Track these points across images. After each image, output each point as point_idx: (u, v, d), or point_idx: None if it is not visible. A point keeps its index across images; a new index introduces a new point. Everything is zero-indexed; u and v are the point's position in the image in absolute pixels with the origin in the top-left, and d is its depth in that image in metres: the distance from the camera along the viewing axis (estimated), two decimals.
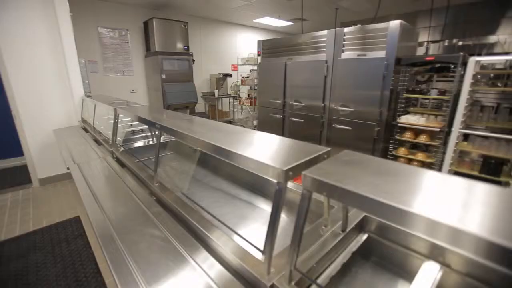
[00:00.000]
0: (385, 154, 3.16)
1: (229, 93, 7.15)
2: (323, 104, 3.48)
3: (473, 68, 2.43)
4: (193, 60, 6.02)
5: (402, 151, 3.03)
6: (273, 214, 0.80)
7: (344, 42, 3.19)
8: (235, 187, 1.86)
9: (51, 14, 3.45)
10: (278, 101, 4.05)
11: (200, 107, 6.82)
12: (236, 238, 1.08)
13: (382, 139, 3.03)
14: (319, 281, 0.96)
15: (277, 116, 4.12)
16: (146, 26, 5.49)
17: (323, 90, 3.43)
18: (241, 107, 6.42)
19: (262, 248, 0.88)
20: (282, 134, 4.11)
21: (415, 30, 3.38)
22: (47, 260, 2.30)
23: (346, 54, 3.19)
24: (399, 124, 2.98)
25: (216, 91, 6.63)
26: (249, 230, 1.39)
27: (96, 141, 2.81)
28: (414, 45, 3.39)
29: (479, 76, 2.66)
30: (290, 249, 0.79)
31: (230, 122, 7.12)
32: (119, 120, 2.37)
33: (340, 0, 4.98)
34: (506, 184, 2.39)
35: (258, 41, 4.34)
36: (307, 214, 0.75)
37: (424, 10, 4.93)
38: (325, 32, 3.36)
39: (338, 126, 3.37)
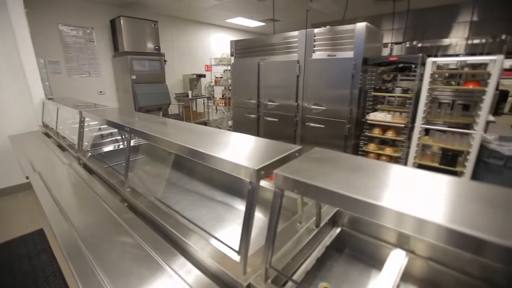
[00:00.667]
0: (356, 150, 3.31)
1: (203, 94, 7.04)
2: (296, 103, 3.56)
3: (430, 68, 2.63)
4: (165, 61, 5.85)
5: (371, 147, 3.19)
6: (246, 213, 0.81)
7: (314, 43, 3.29)
8: (211, 188, 1.84)
9: (2, 10, 3.17)
10: (252, 101, 4.07)
11: (173, 108, 6.64)
12: (212, 240, 1.06)
13: (353, 136, 3.17)
14: (295, 277, 0.99)
15: (252, 116, 4.14)
16: (113, 24, 5.24)
17: (296, 90, 3.51)
18: (216, 107, 6.36)
19: (238, 249, 0.88)
20: (257, 134, 4.14)
21: (379, 32, 3.57)
22: (6, 279, 2.11)
23: (317, 54, 3.29)
24: (368, 121, 3.14)
25: (189, 92, 6.51)
26: (226, 231, 1.39)
27: (60, 147, 2.62)
28: (379, 46, 3.58)
29: (436, 76, 2.88)
30: (265, 247, 0.80)
31: (205, 123, 7.02)
32: (86, 124, 2.24)
33: (310, 2, 5.12)
34: (461, 174, 2.61)
35: (231, 41, 4.32)
36: (280, 212, 0.77)
37: (388, 13, 5.22)
38: (296, 32, 3.44)
39: (312, 124, 3.46)
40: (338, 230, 1.22)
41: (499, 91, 4.69)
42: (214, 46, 7.65)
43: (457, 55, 4.40)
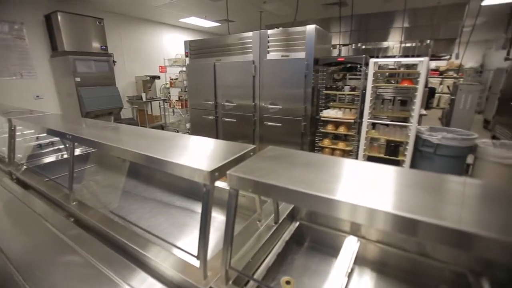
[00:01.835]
0: (312, 146, 3.48)
1: (158, 96, 6.73)
2: (253, 103, 3.61)
3: (373, 68, 2.88)
4: (114, 61, 5.45)
5: (326, 142, 3.38)
6: (203, 216, 0.79)
7: (268, 44, 3.37)
8: (169, 194, 1.77)
9: None
10: (209, 102, 4.02)
11: (127, 112, 6.23)
12: (172, 249, 1.02)
13: (309, 133, 3.33)
14: (257, 274, 1.00)
15: (210, 117, 4.09)
16: (49, 20, 4.69)
17: (253, 90, 3.57)
18: (173, 110, 6.13)
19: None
20: (216, 135, 4.11)
21: (328, 34, 3.80)
22: None
23: (271, 55, 3.38)
24: (321, 118, 3.33)
25: (143, 95, 6.16)
26: (187, 237, 1.35)
27: None
28: (328, 47, 3.82)
29: (378, 75, 3.17)
30: (223, 249, 0.79)
31: (162, 126, 6.72)
32: (20, 133, 1.97)
33: (264, 3, 5.23)
34: (402, 162, 2.92)
35: (185, 42, 4.21)
36: (236, 212, 0.77)
37: (335, 17, 5.58)
38: (250, 33, 3.48)
39: (269, 123, 3.55)
40: (297, 224, 1.27)
41: (429, 88, 5.36)
42: (168, 46, 7.36)
43: (393, 57, 4.91)
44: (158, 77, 6.55)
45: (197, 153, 0.96)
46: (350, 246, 1.12)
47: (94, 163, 2.31)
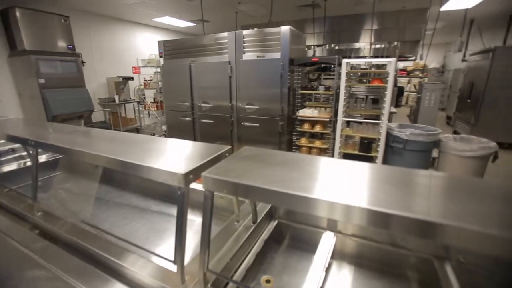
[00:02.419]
0: (290, 145, 3.54)
1: (132, 98, 6.48)
2: (230, 104, 3.60)
3: (345, 68, 2.99)
4: (83, 62, 5.17)
5: (303, 141, 3.45)
6: (178, 220, 0.78)
7: (244, 44, 3.37)
8: (146, 199, 1.72)
9: None
10: (186, 103, 3.95)
11: (99, 115, 5.93)
12: (149, 255, 0.99)
13: (286, 132, 3.38)
14: (236, 274, 1.00)
15: (187, 119, 4.02)
16: (6, 16, 4.31)
17: (229, 90, 3.55)
18: (148, 112, 5.94)
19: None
20: (194, 137, 4.04)
21: (302, 35, 3.88)
22: None
23: (247, 55, 3.39)
24: (298, 117, 3.39)
25: (116, 97, 5.90)
26: (166, 242, 1.31)
27: None
28: (303, 48, 3.90)
29: (351, 74, 3.30)
30: (200, 251, 0.78)
31: (137, 129, 6.48)
32: None
33: (238, 4, 5.23)
34: (375, 158, 3.06)
35: (159, 42, 4.09)
36: (212, 214, 0.77)
37: (309, 18, 5.72)
38: (226, 34, 3.47)
39: (247, 123, 3.56)
40: (275, 223, 1.29)
41: (398, 87, 5.64)
42: (142, 46, 7.11)
43: (364, 57, 5.13)
44: (132, 78, 6.30)
45: (172, 156, 0.94)
46: (327, 242, 1.15)
47: (63, 169, 2.17)
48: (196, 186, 1.35)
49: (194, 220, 1.43)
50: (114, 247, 1.04)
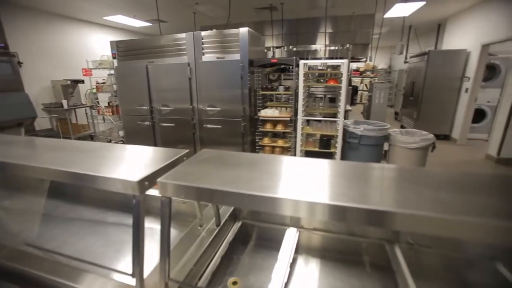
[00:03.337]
0: (253, 145, 3.57)
1: (84, 103, 5.97)
2: (191, 106, 3.52)
3: (303, 68, 3.12)
4: (20, 63, 4.62)
5: (266, 141, 3.52)
6: (135, 230, 0.74)
7: (203, 45, 3.32)
8: (101, 210, 1.59)
9: None
10: (144, 107, 3.76)
11: (43, 122, 5.35)
12: (103, 272, 0.92)
13: (249, 132, 3.41)
14: (202, 280, 0.98)
15: (146, 123, 3.83)
16: None
17: (190, 92, 3.47)
18: (103, 117, 5.52)
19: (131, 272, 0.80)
20: (154, 142, 3.87)
21: (261, 36, 3.95)
22: None
23: (207, 57, 3.35)
24: (260, 118, 3.45)
25: (64, 101, 5.38)
26: (126, 256, 1.23)
27: None
28: (262, 49, 3.97)
29: (309, 75, 3.45)
30: (160, 261, 0.75)
31: (91, 136, 5.99)
32: None
33: (196, 4, 5.13)
34: (334, 154, 3.24)
35: (111, 42, 3.84)
36: (170, 221, 0.74)
37: (268, 21, 5.85)
38: (184, 35, 3.38)
39: (209, 126, 3.51)
40: (240, 223, 1.29)
41: (352, 86, 6.06)
42: (94, 47, 6.59)
43: (320, 58, 5.41)
44: (82, 81, 5.80)
45: (125, 163, 0.89)
46: (290, 238, 1.19)
47: None
48: (156, 192, 1.30)
49: (156, 229, 1.37)
50: (64, 268, 0.95)
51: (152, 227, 1.31)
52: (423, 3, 4.56)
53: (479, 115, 5.49)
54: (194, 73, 3.41)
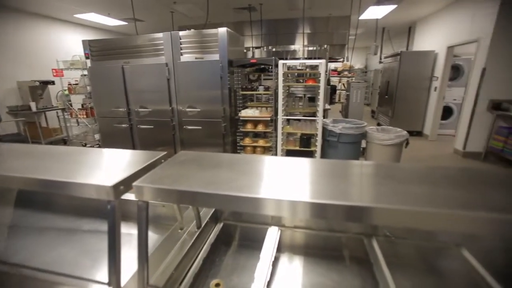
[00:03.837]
0: (234, 145, 3.57)
1: (55, 105, 5.66)
2: (171, 107, 3.45)
3: (282, 68, 3.15)
4: None
5: (247, 141, 3.52)
6: (110, 237, 0.71)
7: (181, 45, 3.26)
8: (75, 218, 1.52)
9: None
10: (121, 109, 3.62)
11: (9, 126, 5.01)
12: (77, 283, 0.87)
13: (230, 133, 3.40)
14: (183, 284, 0.96)
15: (123, 125, 3.69)
16: None
17: (168, 93, 3.40)
18: (76, 120, 5.26)
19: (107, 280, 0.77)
20: (133, 145, 3.75)
21: (240, 37, 3.95)
22: None
23: (185, 57, 3.29)
24: (240, 118, 3.44)
25: (33, 104, 5.07)
26: (103, 264, 1.18)
27: None
28: (241, 49, 3.96)
29: (288, 75, 3.49)
30: (138, 267, 0.73)
31: (64, 140, 5.69)
32: None
33: (174, 4, 5.02)
34: (314, 152, 3.31)
35: (83, 41, 3.67)
36: (148, 226, 0.72)
37: (247, 21, 5.85)
38: (161, 34, 3.30)
39: (189, 127, 3.46)
40: (221, 225, 1.28)
41: (331, 86, 6.21)
42: (66, 46, 6.24)
43: (298, 59, 5.50)
44: (52, 82, 5.48)
45: (100, 167, 0.85)
46: (272, 236, 1.20)
47: None
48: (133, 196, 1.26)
49: (135, 234, 1.32)
50: (33, 282, 0.89)
51: (130, 233, 1.27)
52: (394, 6, 4.79)
53: (447, 112, 5.85)
54: (172, 74, 3.34)
